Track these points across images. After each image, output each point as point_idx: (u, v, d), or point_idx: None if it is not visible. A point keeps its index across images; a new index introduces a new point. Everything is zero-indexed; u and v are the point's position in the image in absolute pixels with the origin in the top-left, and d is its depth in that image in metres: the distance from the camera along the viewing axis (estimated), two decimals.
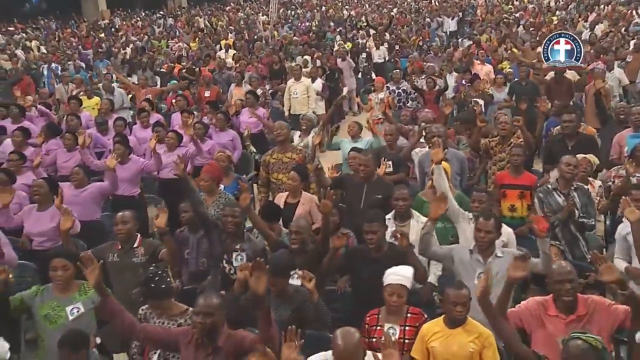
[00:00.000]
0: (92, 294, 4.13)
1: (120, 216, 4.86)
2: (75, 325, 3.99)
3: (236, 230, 4.89)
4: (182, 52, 17.11)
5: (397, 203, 5.13)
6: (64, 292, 4.14)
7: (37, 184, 5.96)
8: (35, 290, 4.14)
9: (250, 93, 9.72)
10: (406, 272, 4.12)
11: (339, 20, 23.95)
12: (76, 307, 4.09)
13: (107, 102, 9.71)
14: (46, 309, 4.10)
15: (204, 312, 3.46)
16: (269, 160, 6.62)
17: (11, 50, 17.31)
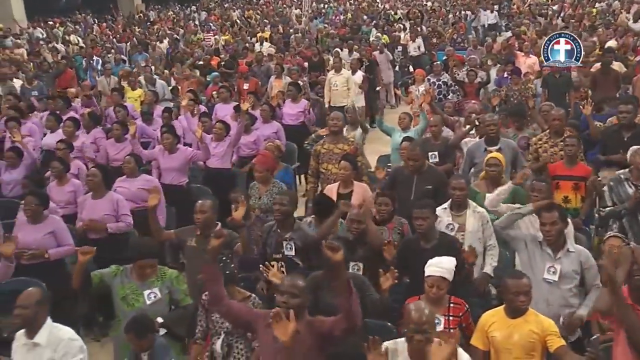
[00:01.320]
0: (167, 280, 4.20)
1: (199, 205, 4.92)
2: (151, 309, 4.05)
3: (285, 219, 4.91)
4: (217, 45, 17.19)
5: (454, 193, 5.10)
6: (143, 276, 4.20)
7: (92, 173, 6.05)
8: (115, 271, 4.20)
9: (292, 85, 9.75)
10: (447, 264, 4.06)
11: (373, 13, 23.84)
12: (153, 292, 4.14)
13: (151, 94, 9.83)
14: (125, 291, 4.15)
15: (289, 292, 3.44)
16: (320, 150, 6.63)
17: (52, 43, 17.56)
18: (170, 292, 4.21)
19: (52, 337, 3.64)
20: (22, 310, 3.58)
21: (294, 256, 4.79)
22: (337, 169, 6.41)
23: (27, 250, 5.37)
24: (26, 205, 5.45)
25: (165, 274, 4.24)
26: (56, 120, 8.34)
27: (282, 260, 4.83)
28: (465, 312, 4.03)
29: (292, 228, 4.89)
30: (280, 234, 4.89)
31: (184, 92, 11.28)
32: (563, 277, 4.26)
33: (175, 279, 4.26)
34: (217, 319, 4.16)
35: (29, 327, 3.62)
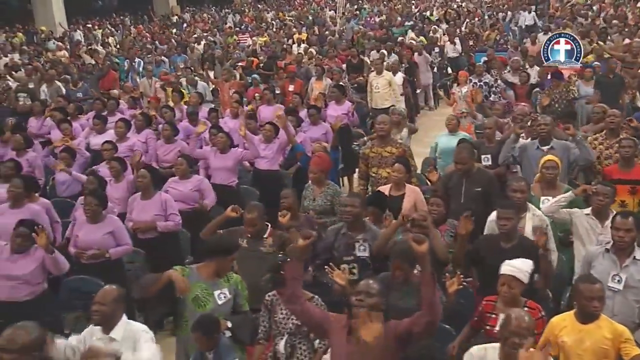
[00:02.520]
0: (233, 283, 4.24)
1: (248, 217, 4.95)
2: (221, 309, 4.10)
3: (355, 220, 4.93)
4: (255, 47, 17.30)
5: (515, 195, 5.07)
6: (212, 276, 4.21)
7: (142, 174, 6.15)
8: (181, 273, 4.22)
9: (336, 87, 9.77)
10: (522, 266, 4.03)
11: (408, 14, 23.79)
12: (223, 293, 4.16)
13: (196, 95, 9.94)
14: (195, 291, 4.16)
15: (365, 292, 3.44)
16: (369, 153, 6.64)
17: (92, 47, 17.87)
18: (235, 295, 4.23)
19: (126, 332, 3.71)
20: (100, 307, 3.65)
21: (368, 257, 4.79)
22: (386, 172, 6.45)
23: (86, 252, 5.47)
24: (86, 206, 5.57)
25: (231, 277, 4.26)
26: (102, 122, 8.48)
27: (354, 262, 4.83)
28: (540, 318, 3.98)
29: (364, 229, 4.91)
30: (350, 236, 4.90)
31: (224, 94, 11.43)
32: (629, 287, 4.20)
33: (240, 283, 4.28)
34: (280, 319, 4.19)
35: (105, 324, 3.69)
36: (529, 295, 4.10)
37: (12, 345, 3.08)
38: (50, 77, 12.66)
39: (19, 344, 3.08)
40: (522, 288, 3.98)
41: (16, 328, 3.17)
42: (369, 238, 4.89)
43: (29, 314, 4.78)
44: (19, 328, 3.17)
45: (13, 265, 4.87)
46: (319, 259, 4.88)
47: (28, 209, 5.82)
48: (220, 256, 4.21)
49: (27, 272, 4.87)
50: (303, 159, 7.36)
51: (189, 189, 6.49)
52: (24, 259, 4.90)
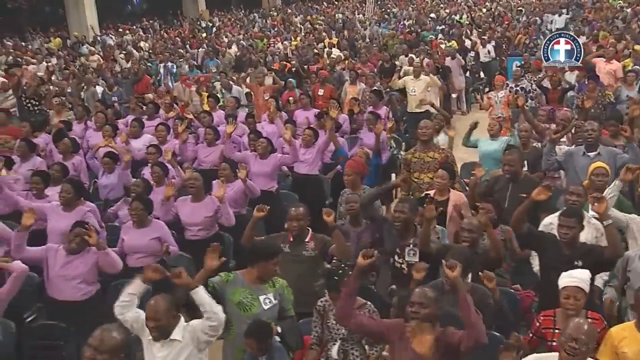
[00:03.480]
0: (279, 288, 4.24)
1: (293, 212, 4.98)
2: (266, 314, 4.10)
3: (405, 226, 4.93)
4: (286, 51, 17.36)
5: (571, 198, 5.02)
6: (257, 281, 4.22)
7: (194, 177, 6.23)
8: (226, 277, 4.25)
9: (373, 92, 9.78)
10: (583, 275, 3.99)
11: (437, 17, 23.72)
12: (268, 298, 4.16)
13: (233, 100, 10.01)
14: (239, 296, 4.17)
15: (418, 303, 3.44)
16: (411, 159, 6.62)
17: (128, 50, 18.06)
18: (280, 300, 4.23)
19: (186, 331, 3.74)
20: (155, 323, 3.67)
21: (417, 262, 4.80)
22: (428, 177, 6.43)
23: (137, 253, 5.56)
24: (132, 211, 5.64)
25: (277, 281, 4.26)
26: (140, 126, 8.57)
27: (404, 263, 4.85)
28: (603, 328, 3.92)
29: (415, 234, 4.90)
30: (401, 239, 4.91)
31: (258, 98, 11.48)
32: None
33: (285, 287, 4.27)
34: (332, 325, 4.20)
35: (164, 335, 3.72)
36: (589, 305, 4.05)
37: (102, 346, 3.18)
38: (87, 81, 12.88)
39: (109, 345, 3.18)
40: (586, 299, 3.93)
41: (104, 330, 3.26)
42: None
43: (85, 313, 4.88)
44: (106, 330, 3.26)
45: (69, 266, 4.95)
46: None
47: (79, 211, 5.90)
48: (262, 261, 4.21)
49: (83, 272, 4.95)
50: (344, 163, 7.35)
51: (234, 192, 6.53)
52: (79, 260, 4.98)
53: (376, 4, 28.47)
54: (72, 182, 6.17)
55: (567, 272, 4.01)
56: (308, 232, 5.00)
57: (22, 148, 7.68)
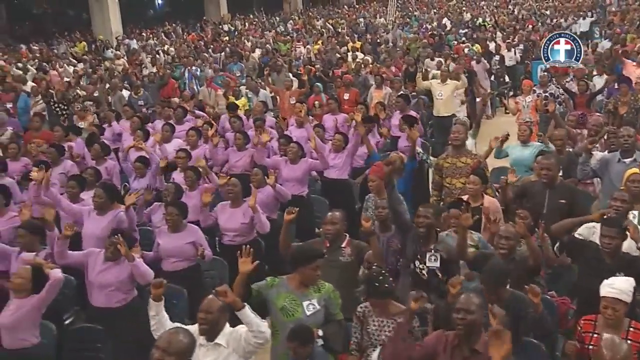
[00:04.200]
0: (325, 293, 4.23)
1: (330, 217, 5.00)
2: (309, 320, 4.10)
3: (428, 231, 4.93)
4: (309, 55, 17.40)
5: (615, 204, 5.00)
6: (301, 287, 4.24)
7: (233, 183, 6.27)
8: (271, 282, 4.27)
9: (401, 96, 9.77)
10: (623, 285, 3.94)
11: (459, 22, 23.65)
12: (312, 304, 4.17)
13: (261, 104, 10.04)
14: (282, 301, 4.19)
15: (464, 309, 3.44)
16: (443, 164, 6.61)
17: (153, 54, 18.24)
18: (326, 305, 4.23)
19: (231, 338, 3.75)
20: (206, 315, 3.71)
21: (438, 268, 4.80)
22: (460, 182, 6.42)
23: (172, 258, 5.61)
24: (168, 215, 5.69)
25: (323, 286, 4.27)
26: (171, 130, 8.64)
27: (423, 269, 4.84)
28: None
29: (436, 240, 4.91)
30: (422, 245, 4.91)
31: (284, 102, 11.53)
32: None
33: (332, 292, 4.27)
34: (372, 331, 4.21)
35: (210, 332, 3.75)
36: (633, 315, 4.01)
37: (170, 348, 3.21)
38: (114, 85, 13.02)
39: (176, 348, 3.21)
40: (626, 309, 3.90)
41: (171, 333, 3.31)
42: (441, 249, 4.90)
43: (120, 320, 4.93)
44: (174, 333, 3.30)
45: (105, 272, 5.02)
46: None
47: (112, 215, 5.97)
48: (301, 266, 4.22)
49: (117, 280, 5.00)
50: None
51: (265, 197, 6.57)
52: (116, 267, 5.03)
53: (397, 7, 28.45)
54: (104, 187, 6.24)
55: (609, 281, 3.97)
56: (345, 237, 5.00)
57: (51, 153, 7.76)
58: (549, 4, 26.71)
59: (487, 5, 29.17)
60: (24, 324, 4.44)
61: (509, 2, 28.76)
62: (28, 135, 9.64)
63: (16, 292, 4.49)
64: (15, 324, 4.43)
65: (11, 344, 4.45)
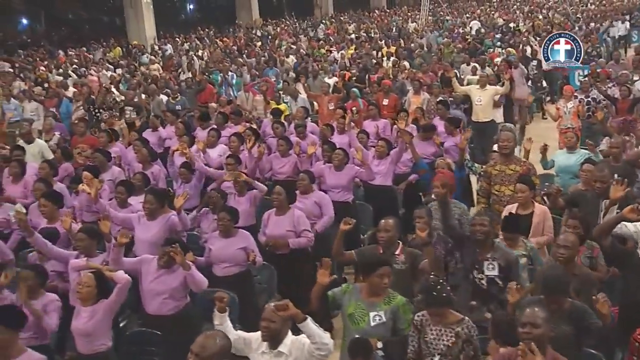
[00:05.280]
0: (394, 306, 4.24)
1: (383, 224, 5.01)
2: (373, 331, 4.13)
3: (485, 239, 4.91)
4: (344, 60, 17.42)
5: None
6: (371, 296, 4.26)
7: (277, 191, 6.29)
8: (345, 289, 4.30)
9: (441, 102, 9.74)
10: None
11: (492, 26, 23.50)
12: (379, 315, 4.18)
13: (302, 110, 10.06)
14: (352, 309, 4.21)
15: (531, 323, 3.42)
16: (491, 171, 6.56)
17: (189, 59, 18.43)
18: (394, 319, 4.23)
19: (294, 346, 3.77)
20: (269, 324, 3.74)
21: (497, 276, 4.77)
22: (509, 190, 6.37)
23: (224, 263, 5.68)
24: (220, 221, 5.75)
25: (393, 299, 4.27)
26: (217, 136, 8.72)
27: (482, 278, 4.82)
28: None
29: (493, 248, 4.89)
30: (479, 254, 4.89)
31: (323, 108, 11.55)
32: None
33: (402, 306, 4.27)
34: (430, 340, 4.18)
35: (273, 340, 3.79)
36: None
37: (204, 352, 3.26)
38: (152, 91, 13.18)
39: (210, 352, 3.26)
40: None
41: (206, 337, 3.35)
42: (498, 257, 4.87)
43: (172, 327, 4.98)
44: (209, 337, 3.34)
45: (159, 280, 5.06)
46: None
47: (163, 220, 6.04)
48: (368, 274, 4.24)
49: (170, 288, 5.05)
50: (426, 176, 7.34)
51: (312, 203, 6.59)
52: (169, 275, 5.07)
53: (429, 12, 28.37)
54: (153, 192, 6.31)
55: None
56: (398, 244, 5.01)
57: (98, 158, 7.88)
58: (584, 8, 26.38)
59: (519, 9, 28.90)
60: (99, 330, 4.53)
61: (542, 6, 28.45)
62: (73, 141, 9.82)
63: (84, 300, 4.57)
64: (91, 330, 4.52)
65: (87, 349, 4.54)
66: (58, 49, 23.81)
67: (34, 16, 33.83)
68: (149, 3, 24.84)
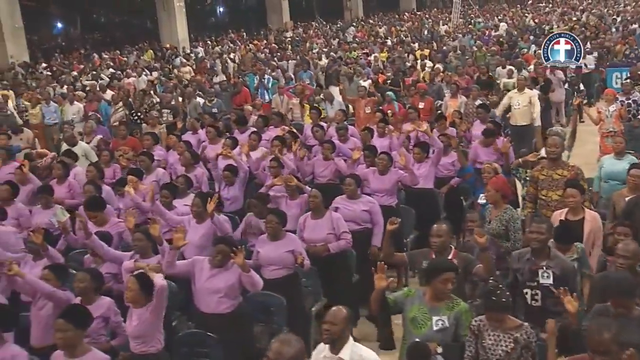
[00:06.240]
0: (457, 312, 4.23)
1: (435, 229, 4.99)
2: (435, 336, 4.12)
3: (541, 247, 4.87)
4: (378, 63, 17.38)
5: None
6: (436, 300, 4.26)
7: (313, 194, 6.30)
8: (407, 293, 4.32)
9: (482, 106, 9.68)
10: None
11: (525, 28, 23.28)
12: (442, 320, 4.17)
13: (341, 113, 10.08)
14: (414, 312, 4.23)
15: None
16: (538, 176, 6.50)
17: (223, 62, 18.55)
18: (456, 325, 4.22)
19: (354, 355, 3.78)
20: (331, 327, 3.76)
21: (552, 284, 4.73)
22: (557, 195, 6.30)
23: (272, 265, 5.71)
24: (268, 224, 5.78)
25: (457, 304, 4.26)
26: (258, 139, 8.77)
27: (537, 288, 4.77)
28: None
29: (549, 256, 4.84)
30: (534, 262, 4.83)
31: (360, 112, 11.55)
32: None
33: (464, 312, 4.26)
34: (488, 345, 4.15)
35: (334, 343, 3.80)
36: None
37: (281, 358, 3.26)
38: (187, 94, 13.31)
39: (286, 357, 3.26)
40: None
41: (281, 342, 3.34)
42: (554, 265, 4.81)
43: (227, 326, 5.03)
44: (283, 342, 3.34)
45: (215, 279, 5.11)
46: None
47: (210, 223, 6.09)
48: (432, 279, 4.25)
49: (226, 286, 5.08)
50: (471, 180, 7.30)
51: (360, 209, 6.56)
52: (224, 273, 5.12)
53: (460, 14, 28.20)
54: (201, 196, 6.37)
55: None
56: (451, 249, 5.00)
57: (144, 161, 7.98)
58: (621, 9, 26.00)
59: (552, 11, 28.59)
60: (148, 331, 4.58)
61: (576, 8, 28.12)
62: (114, 143, 9.95)
63: (133, 303, 4.64)
64: (141, 333, 4.57)
65: (139, 350, 4.60)
66: (92, 52, 24.16)
67: (69, 20, 34.41)
68: (182, 6, 25.10)
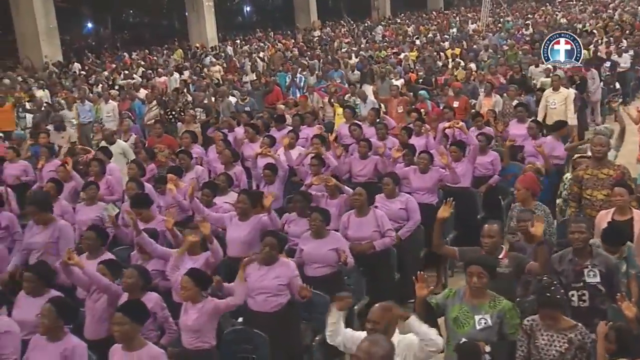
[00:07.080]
0: (500, 310, 4.21)
1: (487, 229, 4.96)
2: (479, 335, 4.11)
3: (584, 246, 4.82)
4: (408, 62, 17.31)
5: None
6: (476, 298, 4.25)
7: (358, 192, 6.30)
8: (447, 293, 4.33)
9: (521, 105, 9.60)
10: None
11: (559, 26, 23.00)
12: (484, 318, 4.17)
13: (374, 112, 10.05)
14: (456, 312, 4.23)
15: None
16: (583, 175, 6.43)
17: (252, 61, 18.61)
18: (500, 323, 4.20)
19: (401, 346, 3.77)
20: (374, 326, 3.75)
21: (599, 282, 4.68)
22: (602, 195, 6.23)
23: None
24: (312, 222, 5.80)
25: (499, 303, 4.25)
26: (296, 138, 8.80)
27: (583, 288, 4.73)
28: None
29: (591, 255, 4.79)
30: (578, 262, 4.79)
31: (392, 111, 11.51)
32: None
33: (509, 310, 4.24)
34: (542, 345, 4.12)
35: None
36: None
37: (371, 359, 3.26)
38: (221, 93, 13.39)
39: (377, 357, 3.25)
40: None
41: (370, 343, 3.33)
42: (598, 263, 4.76)
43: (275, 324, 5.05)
44: (372, 343, 3.33)
45: (264, 277, 5.13)
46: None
47: (255, 220, 6.12)
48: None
49: (274, 284, 5.11)
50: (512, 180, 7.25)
51: (398, 208, 6.57)
52: (273, 272, 5.14)
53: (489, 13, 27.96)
54: (247, 193, 6.40)
55: None
56: (502, 249, 4.96)
57: (184, 160, 8.04)
58: None
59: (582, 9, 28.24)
60: (206, 327, 4.63)
61: (607, 6, 27.73)
62: (150, 141, 10.05)
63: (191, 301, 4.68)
64: (199, 327, 4.62)
65: (193, 345, 4.65)
66: (123, 52, 24.42)
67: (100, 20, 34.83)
68: (211, 6, 25.27)
